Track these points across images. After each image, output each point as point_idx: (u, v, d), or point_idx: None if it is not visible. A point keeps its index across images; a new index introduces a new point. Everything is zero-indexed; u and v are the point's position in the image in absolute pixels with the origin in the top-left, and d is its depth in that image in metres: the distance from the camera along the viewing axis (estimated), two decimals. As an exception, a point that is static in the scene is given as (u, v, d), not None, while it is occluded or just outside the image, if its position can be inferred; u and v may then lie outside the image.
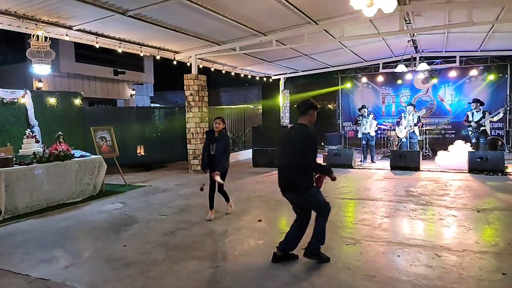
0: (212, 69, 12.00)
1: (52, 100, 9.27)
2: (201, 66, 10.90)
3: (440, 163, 9.87)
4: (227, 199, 5.92)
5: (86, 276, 3.72)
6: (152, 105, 18.70)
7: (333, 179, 3.91)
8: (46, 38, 6.82)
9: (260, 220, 5.46)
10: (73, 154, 6.89)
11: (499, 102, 12.64)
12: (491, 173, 8.57)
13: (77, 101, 9.92)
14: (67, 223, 5.58)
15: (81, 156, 7.11)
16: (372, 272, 3.60)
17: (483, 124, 9.92)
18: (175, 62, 10.43)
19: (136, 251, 4.35)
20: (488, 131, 10.23)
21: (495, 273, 3.48)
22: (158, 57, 9.84)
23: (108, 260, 4.11)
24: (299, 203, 3.99)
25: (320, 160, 11.00)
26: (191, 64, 10.04)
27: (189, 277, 3.63)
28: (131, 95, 16.70)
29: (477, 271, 3.54)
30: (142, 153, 10.73)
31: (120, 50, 8.67)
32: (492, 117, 10.08)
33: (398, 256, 3.96)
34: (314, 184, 3.91)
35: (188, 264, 3.93)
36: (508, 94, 12.72)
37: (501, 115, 10.19)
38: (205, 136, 5.45)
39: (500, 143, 11.38)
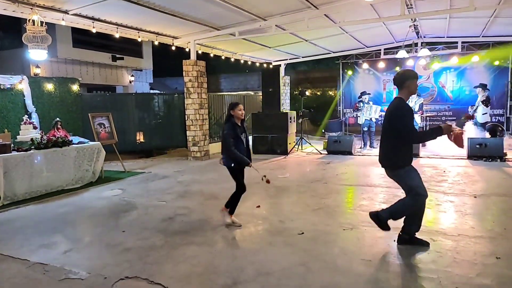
0: (212, 55, 11.88)
1: (49, 86, 9.22)
2: (200, 51, 10.79)
3: (435, 149, 9.87)
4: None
5: (84, 261, 3.75)
6: (152, 91, 18.59)
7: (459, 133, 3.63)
8: (42, 23, 6.73)
9: (258, 206, 5.48)
10: (71, 140, 6.89)
11: (500, 88, 12.57)
12: (490, 159, 8.57)
13: (75, 87, 9.87)
14: (66, 209, 5.61)
15: (79, 142, 7.10)
16: (368, 256, 3.62)
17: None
18: (174, 48, 10.32)
19: (135, 236, 4.38)
20: (480, 119, 10.23)
21: (489, 257, 3.51)
22: (156, 43, 9.74)
23: (107, 246, 4.14)
24: (395, 180, 3.92)
25: (320, 147, 11.08)
26: (190, 49, 9.93)
27: (187, 262, 3.66)
28: (130, 82, 16.58)
29: (472, 255, 3.56)
30: (142, 140, 10.73)
31: (117, 35, 8.57)
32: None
33: (394, 241, 3.97)
34: (457, 144, 3.66)
35: (187, 250, 3.96)
36: (509, 80, 12.62)
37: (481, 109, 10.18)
38: (227, 127, 4.48)
39: (500, 129, 11.35)
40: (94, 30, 8.08)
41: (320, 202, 5.58)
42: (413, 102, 10.86)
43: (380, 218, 3.85)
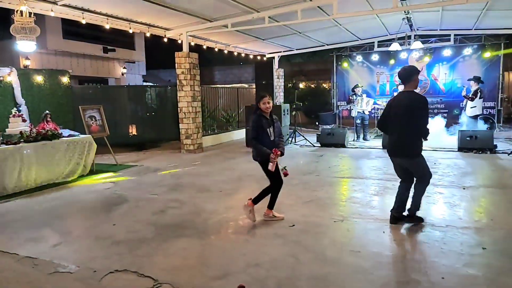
0: (204, 47, 11.79)
1: (39, 78, 9.10)
2: (192, 43, 10.69)
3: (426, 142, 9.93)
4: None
5: (74, 254, 3.74)
6: (144, 84, 18.44)
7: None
8: (30, 13, 6.61)
9: (250, 199, 5.46)
10: (61, 133, 6.82)
11: (492, 80, 12.64)
12: (480, 152, 8.64)
13: (65, 79, 9.76)
14: (56, 203, 5.57)
15: (70, 135, 7.03)
16: (357, 248, 3.65)
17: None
18: (166, 40, 10.22)
19: (125, 229, 4.37)
20: (468, 113, 10.26)
21: (475, 248, 3.56)
22: (148, 34, 9.62)
23: (97, 239, 4.13)
24: (411, 167, 4.18)
25: (313, 140, 11.10)
26: (182, 41, 9.84)
27: (178, 254, 3.67)
28: (122, 74, 16.43)
29: (458, 245, 3.61)
30: (134, 133, 10.66)
31: (107, 27, 8.45)
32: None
33: (384, 232, 4.02)
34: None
35: (177, 242, 3.97)
36: (501, 72, 12.70)
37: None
38: (253, 119, 4.33)
39: (490, 121, 11.45)
40: (84, 21, 7.97)
41: (312, 195, 5.60)
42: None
43: (413, 216, 4.22)
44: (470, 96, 10.03)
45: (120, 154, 9.61)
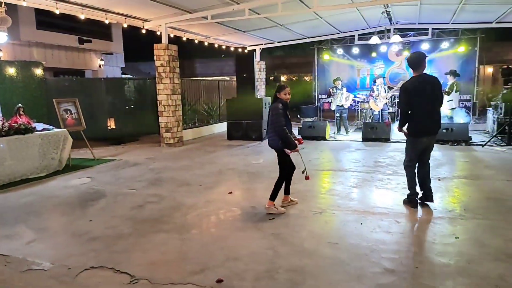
0: (184, 39, 11.61)
1: (11, 71, 8.78)
2: (172, 35, 10.50)
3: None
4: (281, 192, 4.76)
5: (48, 251, 3.65)
6: (123, 76, 18.04)
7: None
8: (1, 3, 6.35)
9: (231, 193, 5.48)
10: (35, 127, 6.61)
11: (468, 74, 12.96)
12: (456, 143, 8.88)
13: (39, 71, 9.44)
14: (31, 199, 5.41)
15: (44, 129, 6.82)
16: (335, 239, 3.70)
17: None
18: (144, 31, 10.00)
19: (102, 225, 4.29)
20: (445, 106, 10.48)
21: (448, 237, 3.66)
22: (125, 25, 9.38)
23: (73, 235, 4.05)
24: (433, 142, 4.58)
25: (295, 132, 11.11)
26: (161, 33, 9.65)
27: (156, 249, 3.63)
28: (100, 66, 16.00)
29: (432, 235, 3.71)
30: (113, 126, 10.44)
31: (82, 17, 8.20)
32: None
33: (361, 224, 4.08)
34: None
35: (155, 237, 3.92)
36: (476, 66, 13.03)
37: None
38: (280, 107, 4.38)
39: (466, 113, 11.76)
40: (58, 12, 7.70)
41: (292, 187, 5.59)
42: (382, 88, 11.05)
43: (431, 198, 4.57)
44: (446, 90, 10.25)
45: (98, 148, 9.41)
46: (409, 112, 4.52)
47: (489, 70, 17.29)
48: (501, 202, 4.67)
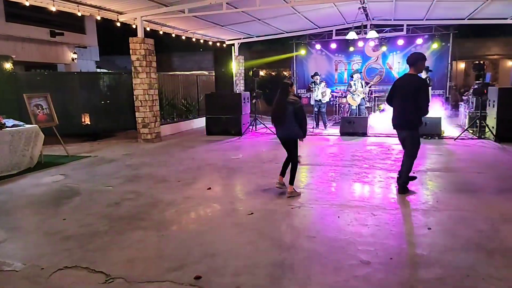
0: (161, 32, 11.39)
1: (-22, 65, 8.38)
2: (148, 28, 10.28)
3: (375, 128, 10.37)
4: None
5: (20, 252, 3.53)
6: (98, 70, 17.54)
7: None
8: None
9: (209, 189, 5.44)
10: (4, 123, 6.34)
11: (442, 69, 13.32)
12: (429, 137, 9.13)
13: (8, 65, 9.06)
14: (1, 198, 5.21)
15: (14, 125, 6.56)
16: (312, 233, 3.74)
17: None
18: (119, 24, 9.74)
19: (76, 224, 4.18)
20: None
21: (421, 228, 3.77)
22: (99, 18, 9.10)
23: (45, 234, 3.93)
24: (407, 138, 4.88)
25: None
26: (137, 26, 9.43)
27: (133, 247, 3.57)
28: (73, 59, 15.46)
29: (406, 227, 3.82)
30: (87, 122, 10.16)
31: (53, 9, 7.89)
32: None
33: (338, 217, 4.14)
34: None
35: (132, 234, 3.86)
36: (449, 62, 13.40)
37: None
38: (300, 101, 5.04)
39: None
40: (27, 3, 7.40)
41: (271, 182, 5.64)
42: (359, 83, 11.21)
43: (405, 185, 4.92)
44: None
45: (72, 144, 9.16)
46: (391, 104, 5.07)
47: (462, 65, 17.82)
48: (472, 194, 4.84)
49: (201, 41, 13.57)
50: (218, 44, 14.37)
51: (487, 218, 3.96)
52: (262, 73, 17.34)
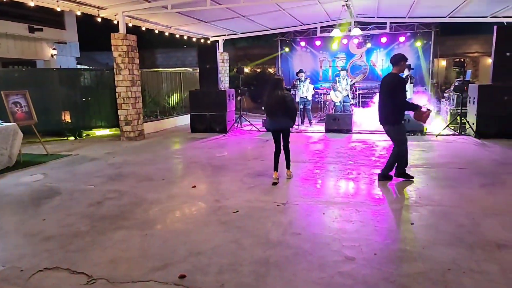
0: (144, 28, 11.20)
1: (-48, 61, 8.06)
2: (130, 24, 10.09)
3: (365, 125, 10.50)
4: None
5: (-3, 254, 3.42)
6: (79, 66, 17.15)
7: (425, 112, 5.16)
8: None
9: (194, 187, 5.39)
10: (-19, 121, 6.14)
11: (424, 67, 13.54)
12: (412, 134, 9.27)
13: (-16, 62, 8.77)
14: (-23, 198, 5.04)
15: (-9, 124, 6.36)
16: (298, 230, 3.75)
17: None
18: (100, 19, 9.52)
19: (56, 224, 4.08)
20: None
21: (405, 224, 3.82)
22: (79, 13, 8.87)
23: (25, 235, 3.81)
24: (388, 132, 5.29)
25: (259, 124, 11.15)
26: (118, 22, 9.24)
27: (115, 247, 3.50)
28: (52, 55, 15.07)
29: (390, 222, 3.86)
30: (68, 120, 9.93)
31: (32, 4, 7.66)
32: None
33: (323, 214, 4.16)
34: (419, 120, 5.38)
35: (115, 234, 3.78)
36: (431, 59, 13.64)
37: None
38: (290, 94, 5.77)
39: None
40: (3, -3, 7.15)
41: (256, 180, 5.63)
42: (345, 80, 11.30)
43: (386, 175, 5.32)
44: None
45: (52, 143, 8.95)
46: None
47: (443, 63, 18.16)
48: (453, 189, 4.94)
49: (185, 37, 13.42)
50: (202, 40, 14.23)
51: (468, 213, 4.04)
52: (246, 70, 17.29)
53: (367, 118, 10.80)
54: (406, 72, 10.79)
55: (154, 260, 3.20)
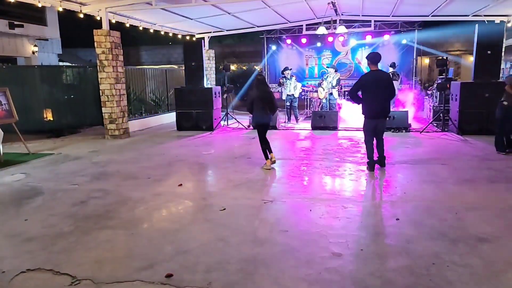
0: (128, 25, 11.01)
1: None
2: (113, 21, 9.90)
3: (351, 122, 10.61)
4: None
5: (-23, 256, 3.31)
6: (61, 63, 16.78)
7: None
8: None
9: (180, 185, 5.34)
10: (-42, 120, 5.95)
11: (407, 65, 13.74)
12: (397, 130, 9.41)
13: (-38, 59, 8.50)
14: (-45, 199, 4.89)
15: (-31, 122, 6.17)
16: (285, 227, 3.75)
17: None
18: (82, 16, 9.31)
19: (39, 224, 3.98)
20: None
21: (390, 219, 3.87)
22: (60, 9, 8.66)
23: (6, 236, 3.72)
24: (383, 124, 5.80)
25: (246, 122, 11.14)
26: (101, 18, 9.06)
27: (100, 247, 3.44)
28: (33, 52, 14.70)
29: (375, 218, 3.91)
30: (50, 118, 9.72)
31: (12, 0, 7.45)
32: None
33: (310, 210, 4.18)
34: None
35: (99, 234, 3.72)
36: (414, 57, 13.84)
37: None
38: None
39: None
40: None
41: (243, 177, 5.62)
42: (331, 77, 11.37)
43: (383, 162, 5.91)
44: None
45: (34, 142, 8.73)
46: (353, 96, 5.87)
47: (426, 61, 18.46)
48: (436, 185, 5.03)
49: (170, 34, 13.27)
50: (187, 37, 14.10)
51: (450, 208, 4.12)
52: (233, 67, 17.23)
53: (353, 115, 10.93)
54: (391, 70, 10.96)
55: (140, 260, 3.16)
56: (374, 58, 5.69)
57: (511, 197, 4.50)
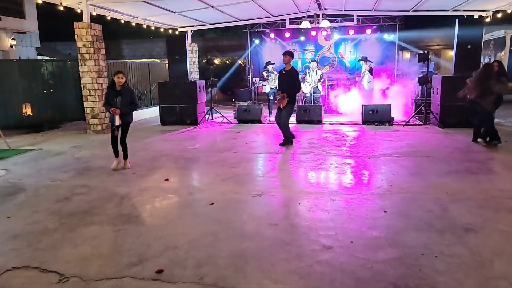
0: (109, 18, 10.75)
1: None
2: (94, 13, 9.64)
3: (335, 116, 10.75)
4: (125, 156, 5.95)
5: (-43, 256, 3.19)
6: (39, 57, 16.26)
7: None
8: None
9: (167, 180, 5.27)
10: None
11: (389, 59, 13.93)
12: (381, 124, 9.55)
13: None
14: None
15: None
16: (274, 220, 3.76)
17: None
18: (62, 8, 9.02)
19: (22, 222, 3.87)
20: (366, 87, 11.27)
21: (378, 212, 3.93)
22: (40, 1, 8.37)
23: (-13, 235, 3.59)
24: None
25: (230, 116, 11.10)
26: (82, 10, 8.80)
27: (87, 244, 3.36)
28: (11, 46, 14.20)
29: (364, 210, 3.95)
30: (29, 113, 9.42)
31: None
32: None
33: (299, 203, 4.20)
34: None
35: (86, 230, 3.64)
36: (396, 51, 14.05)
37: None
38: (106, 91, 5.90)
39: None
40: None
41: (229, 171, 5.59)
42: (315, 71, 11.42)
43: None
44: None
45: (13, 137, 8.47)
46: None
47: (407, 55, 18.74)
48: (421, 177, 5.13)
49: (152, 28, 13.03)
50: (170, 31, 13.88)
51: (436, 199, 4.22)
52: (216, 61, 17.07)
53: (346, 100, 11.26)
54: (364, 65, 11.13)
55: (128, 256, 3.11)
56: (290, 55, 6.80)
57: (493, 188, 4.64)
